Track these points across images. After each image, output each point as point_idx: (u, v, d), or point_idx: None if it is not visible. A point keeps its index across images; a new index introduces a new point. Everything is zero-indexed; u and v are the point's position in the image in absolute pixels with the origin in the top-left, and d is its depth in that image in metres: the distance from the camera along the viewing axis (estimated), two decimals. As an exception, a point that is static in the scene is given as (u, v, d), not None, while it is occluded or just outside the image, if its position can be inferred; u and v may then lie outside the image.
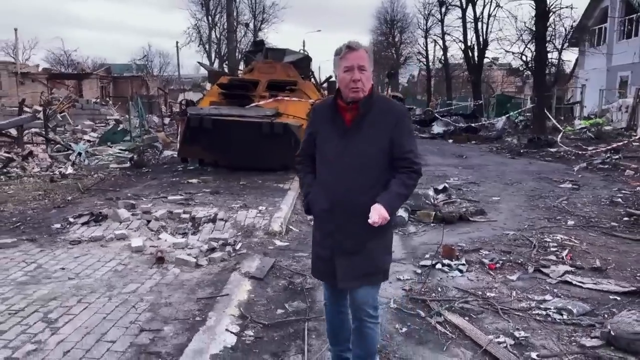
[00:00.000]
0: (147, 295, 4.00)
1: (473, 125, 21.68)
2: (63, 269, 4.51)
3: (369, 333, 2.58)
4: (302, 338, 3.38)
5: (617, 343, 3.21)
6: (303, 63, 12.15)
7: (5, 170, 9.31)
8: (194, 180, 8.80)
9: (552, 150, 14.92)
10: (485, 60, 28.85)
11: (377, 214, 2.32)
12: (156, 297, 3.96)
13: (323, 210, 2.50)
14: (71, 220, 5.96)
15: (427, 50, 39.75)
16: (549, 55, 20.45)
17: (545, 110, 17.93)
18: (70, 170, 9.79)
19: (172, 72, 51.93)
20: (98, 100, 27.07)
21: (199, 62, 30.66)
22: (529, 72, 22.95)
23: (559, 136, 15.87)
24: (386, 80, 43.28)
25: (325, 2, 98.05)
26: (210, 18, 34.43)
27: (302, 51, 14.31)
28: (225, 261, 4.93)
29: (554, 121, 18.43)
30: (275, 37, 47.87)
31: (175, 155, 11.95)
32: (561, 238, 5.74)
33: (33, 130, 13.90)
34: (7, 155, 10.23)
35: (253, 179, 8.98)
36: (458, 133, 20.63)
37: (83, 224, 5.82)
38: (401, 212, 6.73)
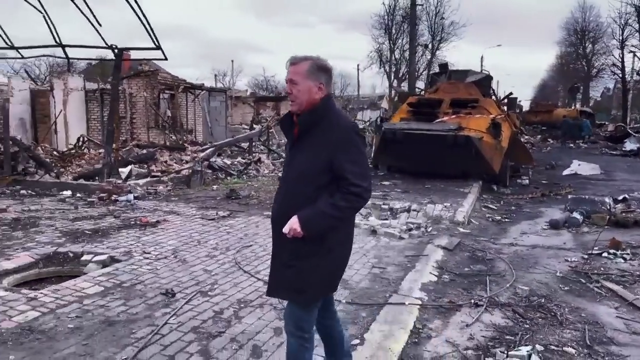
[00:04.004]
0: (370, 251, 5.78)
1: (675, 141, 19.77)
2: (311, 232, 6.59)
3: (289, 347, 2.52)
4: (485, 283, 4.76)
5: None
6: (484, 82, 13.22)
7: (245, 171, 12.36)
8: (387, 182, 10.63)
9: None
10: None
11: (289, 225, 2.29)
12: (377, 252, 5.72)
13: (271, 220, 2.53)
14: (306, 204, 8.21)
15: (622, 62, 36.24)
16: None
17: None
18: (289, 172, 12.51)
19: (351, 92, 56.18)
20: (294, 118, 31.33)
21: (393, 87, 33.42)
22: None
23: None
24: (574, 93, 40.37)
25: (506, 16, 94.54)
26: (391, 42, 36.92)
27: (484, 71, 15.31)
28: (421, 237, 6.51)
29: None
30: (452, 55, 48.54)
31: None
32: None
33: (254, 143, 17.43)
34: (244, 160, 13.44)
35: (436, 183, 10.44)
36: (656, 150, 19.10)
37: (315, 206, 7.99)
38: (576, 215, 7.53)
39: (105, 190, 8.56)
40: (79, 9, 8.95)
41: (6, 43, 10.52)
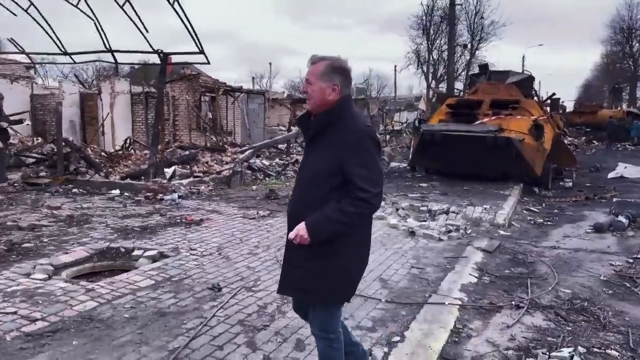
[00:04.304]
0: (409, 252, 5.83)
1: None
2: (350, 232, 6.69)
3: (319, 350, 2.56)
4: (526, 285, 4.74)
5: None
6: (525, 83, 12.97)
7: (283, 172, 12.58)
8: (424, 184, 10.61)
9: None
10: None
11: (296, 232, 2.30)
12: (415, 253, 5.76)
13: (287, 220, 2.51)
14: (344, 204, 8.31)
15: (674, 60, 34.66)
16: None
17: None
18: (327, 173, 12.66)
19: (387, 93, 56.00)
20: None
21: (431, 88, 33.27)
22: None
23: None
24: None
25: (545, 15, 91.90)
26: (429, 43, 36.61)
27: (525, 71, 15.02)
28: (460, 239, 6.50)
29: None
30: (492, 55, 47.61)
31: (400, 166, 14.13)
32: None
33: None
34: (282, 162, 13.67)
35: (474, 185, 10.34)
36: None
37: (353, 207, 8.09)
38: (621, 218, 7.33)
39: (151, 190, 8.92)
40: (129, 17, 9.35)
41: (59, 49, 11.10)
